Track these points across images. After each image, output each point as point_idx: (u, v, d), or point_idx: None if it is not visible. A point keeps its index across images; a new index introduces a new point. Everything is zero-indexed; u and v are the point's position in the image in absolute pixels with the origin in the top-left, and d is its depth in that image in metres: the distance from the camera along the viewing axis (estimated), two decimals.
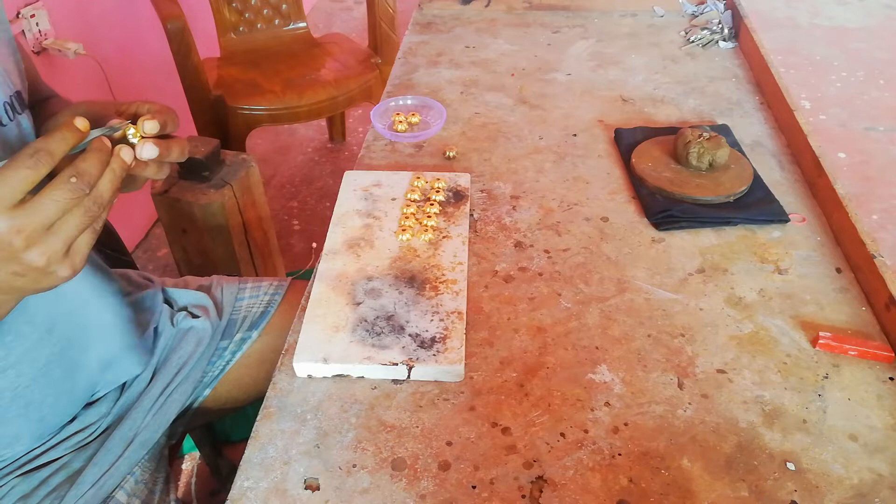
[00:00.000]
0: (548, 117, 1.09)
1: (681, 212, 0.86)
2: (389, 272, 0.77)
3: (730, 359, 0.69)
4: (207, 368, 0.90)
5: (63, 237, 0.50)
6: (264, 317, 0.95)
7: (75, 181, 0.49)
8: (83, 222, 0.50)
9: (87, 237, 0.52)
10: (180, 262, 1.49)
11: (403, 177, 0.91)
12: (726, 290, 0.77)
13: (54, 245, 0.49)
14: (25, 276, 0.51)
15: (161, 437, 0.82)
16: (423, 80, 1.19)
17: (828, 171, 0.87)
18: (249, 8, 2.10)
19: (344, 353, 0.67)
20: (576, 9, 1.43)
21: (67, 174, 0.49)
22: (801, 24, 3.35)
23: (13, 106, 0.64)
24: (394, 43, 2.05)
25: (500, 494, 0.58)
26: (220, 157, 1.40)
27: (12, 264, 0.49)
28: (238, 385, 0.93)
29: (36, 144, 0.48)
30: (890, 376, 0.67)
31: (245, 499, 0.57)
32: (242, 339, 0.93)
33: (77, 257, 0.52)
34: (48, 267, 0.50)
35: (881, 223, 2.12)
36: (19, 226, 0.48)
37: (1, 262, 0.49)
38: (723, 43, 1.29)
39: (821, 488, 0.58)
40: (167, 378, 0.84)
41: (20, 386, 0.69)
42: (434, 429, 0.63)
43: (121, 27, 1.89)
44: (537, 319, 0.73)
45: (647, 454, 0.61)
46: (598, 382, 0.67)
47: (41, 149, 0.48)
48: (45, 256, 0.49)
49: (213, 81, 1.93)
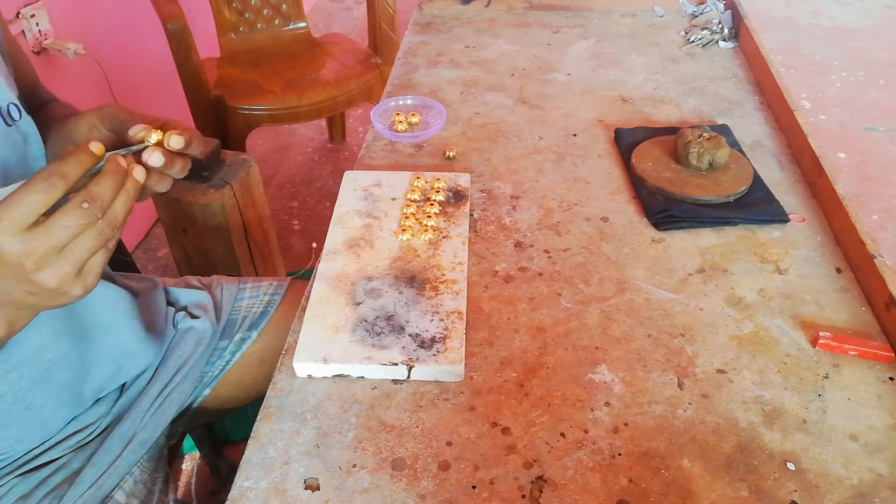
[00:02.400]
0: (548, 117, 1.09)
1: (681, 212, 0.86)
2: (389, 272, 0.77)
3: (730, 359, 0.69)
4: (207, 368, 0.90)
5: (74, 260, 0.50)
6: (264, 317, 0.95)
7: (87, 206, 0.49)
8: (95, 245, 0.51)
9: (100, 257, 0.52)
10: (180, 262, 1.49)
11: (403, 177, 0.91)
12: (726, 290, 0.77)
13: (65, 268, 0.50)
14: (38, 296, 0.51)
15: (160, 436, 0.82)
16: (423, 80, 1.19)
17: (828, 171, 0.87)
18: (249, 8, 2.10)
19: (344, 353, 0.67)
20: (576, 9, 1.43)
21: (80, 199, 0.49)
22: (801, 24, 3.35)
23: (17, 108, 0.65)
24: (394, 43, 2.06)
25: (500, 494, 0.58)
26: (220, 157, 1.40)
27: (25, 284, 0.50)
28: (238, 385, 0.93)
29: (50, 168, 0.49)
30: (890, 376, 0.67)
31: (245, 499, 0.57)
32: (242, 339, 0.93)
33: (90, 277, 0.52)
34: (60, 288, 0.51)
35: (881, 223, 2.12)
36: (31, 249, 0.48)
37: (14, 282, 0.50)
38: (723, 43, 1.29)
39: (821, 488, 0.58)
40: (166, 378, 0.84)
41: (21, 389, 0.69)
42: (434, 429, 0.63)
43: (121, 27, 1.89)
44: (537, 319, 0.73)
45: (647, 454, 0.61)
46: (598, 382, 0.67)
47: (55, 172, 0.48)
48: (55, 278, 0.50)
49: (213, 81, 1.93)
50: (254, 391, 0.94)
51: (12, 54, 0.72)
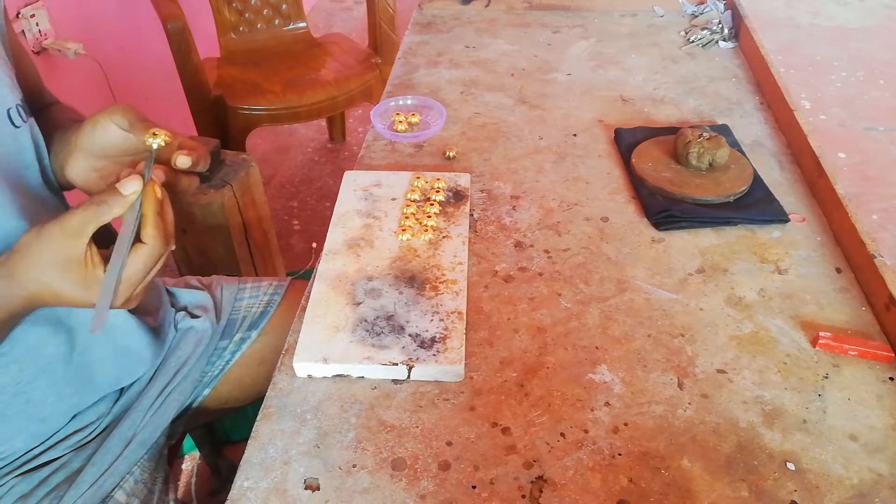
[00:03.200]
0: (548, 117, 1.09)
1: (681, 212, 0.86)
2: (389, 272, 0.77)
3: (730, 359, 0.69)
4: (207, 368, 0.90)
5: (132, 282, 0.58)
6: (264, 317, 0.95)
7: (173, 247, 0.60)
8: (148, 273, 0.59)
9: None
10: (180, 262, 1.49)
11: (403, 177, 0.91)
12: (726, 290, 0.77)
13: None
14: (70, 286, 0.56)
15: (160, 436, 0.82)
16: (423, 80, 1.19)
17: (828, 171, 0.87)
18: (249, 8, 2.10)
19: (344, 353, 0.67)
20: (576, 9, 1.43)
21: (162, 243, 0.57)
22: (801, 24, 3.35)
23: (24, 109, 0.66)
24: (394, 43, 2.05)
25: (500, 494, 0.57)
26: (220, 157, 1.40)
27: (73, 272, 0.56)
28: (238, 385, 0.93)
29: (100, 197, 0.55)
30: (890, 376, 0.67)
31: (245, 499, 0.57)
32: (242, 339, 0.93)
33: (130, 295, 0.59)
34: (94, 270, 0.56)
35: (881, 223, 2.12)
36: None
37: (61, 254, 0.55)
38: (723, 43, 1.29)
39: (821, 488, 0.58)
40: (166, 378, 0.84)
41: (22, 381, 0.69)
42: (434, 429, 0.63)
43: (121, 27, 1.89)
44: (537, 319, 0.73)
45: (647, 454, 0.61)
46: (598, 382, 0.67)
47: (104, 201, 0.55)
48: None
49: (213, 81, 1.93)
50: (254, 391, 0.94)
51: (16, 56, 0.73)
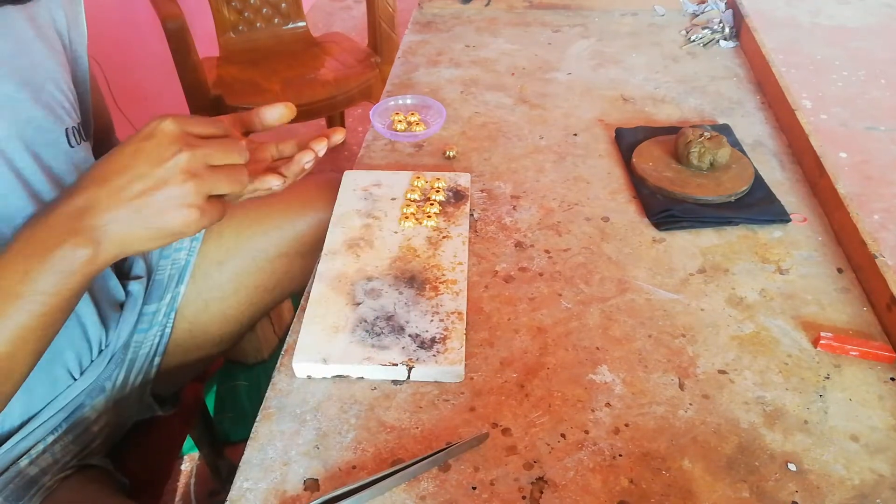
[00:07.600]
0: (548, 117, 1.08)
1: (682, 212, 0.86)
2: (389, 272, 0.77)
3: (731, 359, 0.69)
4: (143, 338, 0.87)
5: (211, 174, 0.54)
6: (186, 268, 0.91)
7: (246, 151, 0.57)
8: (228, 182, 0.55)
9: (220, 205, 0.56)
10: None
11: (403, 176, 0.91)
12: (727, 290, 0.77)
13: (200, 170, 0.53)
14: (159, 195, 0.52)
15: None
16: (422, 79, 1.19)
17: (829, 171, 0.87)
18: (249, 7, 2.10)
19: (343, 354, 0.67)
20: (576, 8, 1.43)
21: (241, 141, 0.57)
22: (802, 24, 3.35)
23: (78, 132, 0.69)
24: (393, 42, 2.05)
25: (501, 495, 0.57)
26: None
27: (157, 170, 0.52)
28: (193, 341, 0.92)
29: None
30: (891, 377, 0.67)
31: (244, 499, 0.57)
32: (173, 298, 0.90)
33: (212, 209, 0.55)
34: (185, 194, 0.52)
35: (882, 223, 2.12)
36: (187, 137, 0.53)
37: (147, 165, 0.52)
38: (724, 42, 1.29)
39: (822, 489, 0.58)
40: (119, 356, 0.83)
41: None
42: (434, 429, 0.62)
43: (120, 27, 1.88)
44: (538, 320, 0.73)
45: (647, 455, 0.60)
46: (598, 383, 0.67)
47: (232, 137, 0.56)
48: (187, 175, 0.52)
49: (213, 81, 1.93)
50: (208, 341, 0.94)
51: (93, 88, 0.77)
